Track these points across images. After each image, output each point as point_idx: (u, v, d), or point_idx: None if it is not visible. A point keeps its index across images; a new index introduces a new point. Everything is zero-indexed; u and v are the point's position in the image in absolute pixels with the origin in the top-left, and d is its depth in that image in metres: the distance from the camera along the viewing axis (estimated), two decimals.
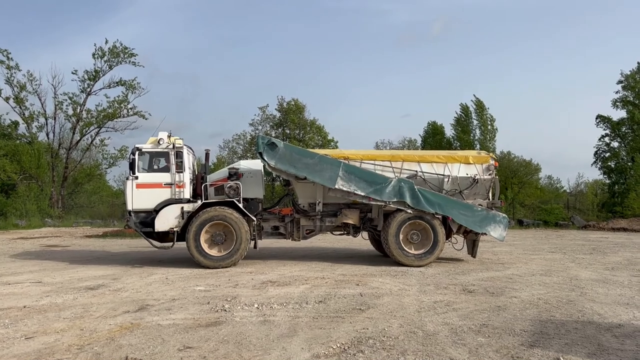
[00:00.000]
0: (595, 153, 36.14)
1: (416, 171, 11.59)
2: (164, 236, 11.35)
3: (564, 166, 73.72)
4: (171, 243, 11.25)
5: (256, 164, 12.24)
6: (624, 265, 11.53)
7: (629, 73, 34.29)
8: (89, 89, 33.79)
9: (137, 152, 11.22)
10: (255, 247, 11.77)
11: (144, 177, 11.22)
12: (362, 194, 11.02)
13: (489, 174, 11.81)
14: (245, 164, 12.39)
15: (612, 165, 35.10)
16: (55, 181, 33.84)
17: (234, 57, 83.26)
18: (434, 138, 36.08)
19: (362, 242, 16.19)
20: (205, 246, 10.92)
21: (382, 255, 12.90)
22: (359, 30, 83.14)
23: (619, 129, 34.97)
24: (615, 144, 35.60)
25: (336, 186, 10.95)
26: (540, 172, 39.07)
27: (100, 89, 33.99)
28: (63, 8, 73.67)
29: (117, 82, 33.62)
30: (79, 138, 34.70)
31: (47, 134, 34.63)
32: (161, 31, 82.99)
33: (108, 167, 36.88)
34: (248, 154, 34.63)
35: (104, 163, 36.58)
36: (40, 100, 33.69)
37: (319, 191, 11.57)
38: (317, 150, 11.91)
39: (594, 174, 47.65)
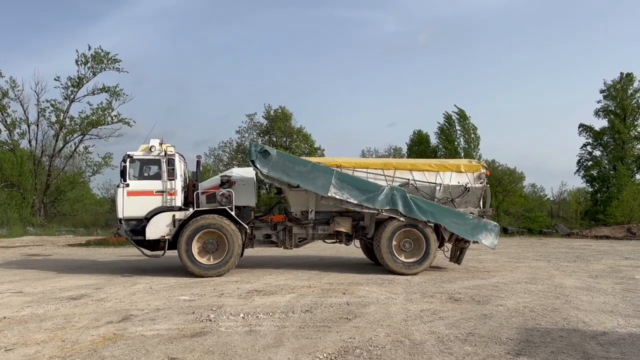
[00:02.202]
0: (578, 162, 36.69)
1: (408, 179, 11.63)
2: (155, 244, 11.21)
3: (548, 174, 74.65)
4: (162, 251, 11.11)
5: (248, 172, 12.17)
6: (607, 273, 11.67)
7: (611, 83, 34.91)
8: (72, 96, 33.46)
9: (128, 160, 11.10)
10: (241, 255, 11.65)
11: (135, 184, 11.10)
12: (355, 202, 11.01)
13: (480, 183, 11.90)
14: (237, 172, 12.33)
15: (595, 174, 35.60)
16: (38, 189, 33.35)
17: (221, 65, 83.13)
18: (419, 146, 36.29)
19: (348, 250, 16.16)
20: (197, 254, 10.81)
21: (374, 264, 12.89)
22: (345, 40, 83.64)
23: (600, 138, 35.53)
24: (597, 153, 36.17)
25: (329, 194, 10.93)
26: (524, 181, 39.51)
27: (84, 96, 33.68)
28: (47, 16, 73.02)
29: (100, 89, 33.36)
30: (62, 145, 34.32)
31: (30, 141, 34.25)
32: (148, 39, 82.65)
33: (92, 175, 36.47)
34: (234, 162, 34.46)
35: (88, 171, 36.18)
36: (22, 107, 33.36)
37: (312, 199, 11.53)
38: (309, 158, 11.87)
39: (577, 183, 48.42)
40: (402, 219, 11.09)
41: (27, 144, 34.27)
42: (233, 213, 11.04)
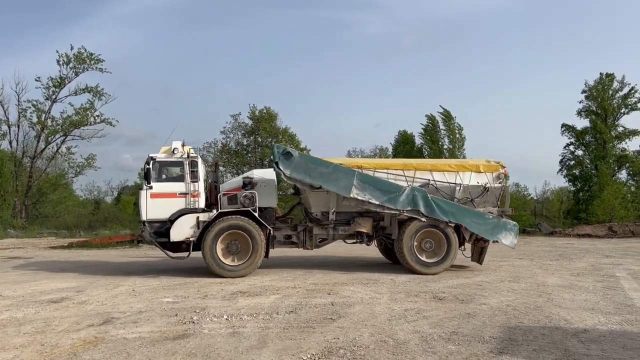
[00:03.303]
0: (561, 161, 37.07)
1: (428, 180, 11.68)
2: (177, 246, 11.19)
3: (532, 173, 75.51)
4: (187, 253, 11.07)
5: (269, 174, 12.22)
6: (589, 271, 11.81)
7: (592, 84, 35.35)
8: (54, 96, 32.93)
9: (151, 162, 11.04)
10: (266, 256, 11.63)
11: (158, 186, 11.06)
12: (377, 202, 11.03)
13: (499, 182, 12.00)
14: (258, 173, 12.32)
15: (577, 173, 35.99)
16: (19, 191, 32.79)
17: (208, 67, 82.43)
18: (404, 147, 36.40)
19: (334, 250, 16.17)
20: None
21: (392, 263, 13.01)
22: (332, 41, 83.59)
23: (582, 138, 35.96)
24: (579, 152, 36.58)
25: (351, 195, 10.95)
26: (508, 180, 39.66)
27: (66, 96, 33.11)
28: (28, 16, 71.84)
29: (83, 89, 32.87)
30: (43, 146, 33.72)
31: (10, 142, 33.56)
32: (132, 39, 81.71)
33: (74, 176, 35.84)
34: (220, 162, 34.23)
35: (70, 172, 35.59)
36: (2, 107, 32.70)
37: (333, 200, 11.51)
38: (330, 159, 11.85)
39: (560, 182, 48.91)
40: (423, 219, 11.14)
41: (7, 145, 33.67)
42: (256, 214, 11.04)
